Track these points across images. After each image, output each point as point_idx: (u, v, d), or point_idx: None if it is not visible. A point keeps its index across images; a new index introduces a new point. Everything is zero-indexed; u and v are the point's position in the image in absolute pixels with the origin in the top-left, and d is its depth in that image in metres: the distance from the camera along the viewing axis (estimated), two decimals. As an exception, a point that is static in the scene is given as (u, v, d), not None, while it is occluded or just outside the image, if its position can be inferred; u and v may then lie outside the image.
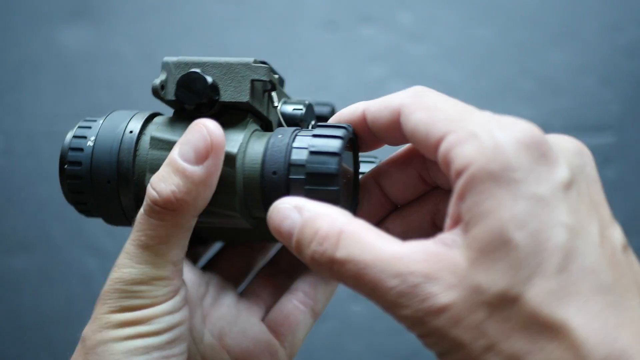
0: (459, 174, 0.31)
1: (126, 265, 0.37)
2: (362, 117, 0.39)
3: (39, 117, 0.85)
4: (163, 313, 0.37)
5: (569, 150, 0.33)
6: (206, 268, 0.49)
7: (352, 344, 0.83)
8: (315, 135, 0.37)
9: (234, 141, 0.38)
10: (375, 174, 0.41)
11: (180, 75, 0.39)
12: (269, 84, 0.40)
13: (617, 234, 0.32)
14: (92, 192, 0.40)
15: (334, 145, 0.36)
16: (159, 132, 0.39)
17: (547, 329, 0.29)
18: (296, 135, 0.38)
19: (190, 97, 0.38)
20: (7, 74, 0.85)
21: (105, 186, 0.40)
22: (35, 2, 0.86)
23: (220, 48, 0.85)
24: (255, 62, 0.39)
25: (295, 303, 0.46)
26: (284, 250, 0.49)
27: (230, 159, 0.38)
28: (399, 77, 0.85)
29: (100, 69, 0.85)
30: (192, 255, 0.49)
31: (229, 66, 0.39)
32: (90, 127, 0.41)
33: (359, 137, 0.40)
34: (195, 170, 0.36)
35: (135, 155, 0.40)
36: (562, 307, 0.29)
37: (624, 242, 0.32)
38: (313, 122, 0.44)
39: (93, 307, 0.38)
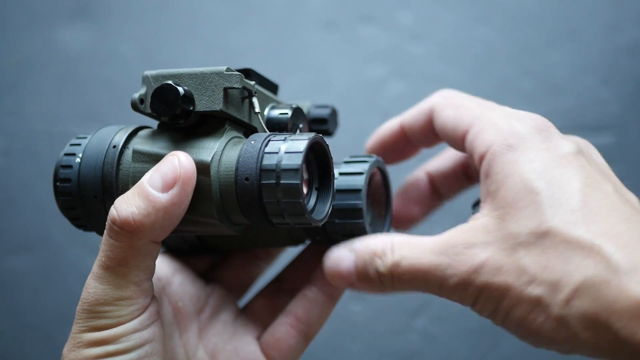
0: (482, 157, 0.37)
1: (90, 285, 0.38)
2: (399, 129, 0.45)
3: (39, 117, 0.85)
4: (130, 331, 0.38)
5: (578, 139, 0.39)
6: (210, 277, 0.49)
7: (352, 344, 0.83)
8: (286, 140, 0.38)
9: (208, 149, 0.39)
10: (429, 171, 0.49)
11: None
12: (245, 91, 0.40)
13: (632, 195, 0.37)
14: (82, 208, 0.41)
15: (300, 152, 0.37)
16: (140, 145, 0.40)
17: (578, 249, 0.33)
18: (269, 140, 0.38)
19: (164, 109, 0.39)
20: (7, 74, 0.85)
21: (92, 201, 0.41)
22: (35, 2, 0.86)
23: (221, 48, 0.85)
24: (228, 70, 0.39)
25: (288, 327, 0.46)
26: (287, 269, 0.50)
27: (204, 167, 0.38)
28: (399, 77, 0.85)
29: (100, 69, 0.85)
30: (198, 265, 0.49)
31: (202, 76, 0.39)
32: (79, 144, 0.42)
33: (397, 150, 0.47)
34: (159, 196, 0.37)
35: (118, 169, 0.40)
36: (589, 230, 0.33)
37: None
38: (301, 126, 0.44)
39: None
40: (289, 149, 0.37)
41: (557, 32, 0.84)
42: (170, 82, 0.39)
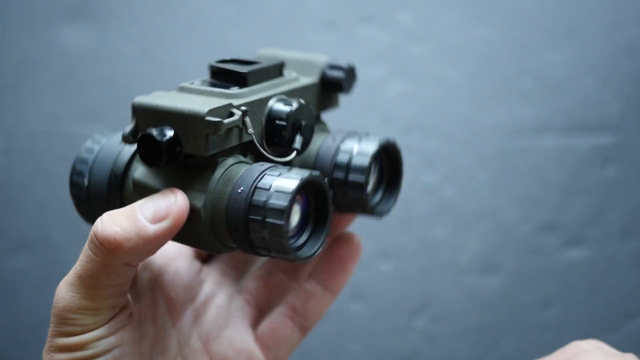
0: None
1: (62, 290, 0.39)
2: None
3: (39, 117, 0.85)
4: (95, 339, 0.38)
5: None
6: (209, 257, 0.49)
7: (352, 344, 0.83)
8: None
9: (200, 193, 0.38)
10: None
11: (144, 131, 0.38)
12: (235, 129, 0.39)
13: None
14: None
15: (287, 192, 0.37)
16: (141, 175, 0.40)
17: None
18: (265, 174, 0.37)
19: (149, 160, 0.37)
20: (7, 74, 0.85)
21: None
22: (35, 2, 0.86)
23: (221, 48, 0.85)
24: (209, 113, 0.37)
25: (284, 318, 0.46)
26: None
27: (196, 212, 0.38)
28: (399, 77, 0.85)
29: (100, 69, 0.85)
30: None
31: (185, 118, 0.37)
32: (87, 161, 0.43)
33: None
34: (146, 225, 0.37)
35: (122, 199, 0.41)
36: None
37: None
38: (303, 123, 0.42)
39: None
40: (279, 188, 0.36)
41: (557, 32, 0.84)
42: (153, 131, 0.37)
